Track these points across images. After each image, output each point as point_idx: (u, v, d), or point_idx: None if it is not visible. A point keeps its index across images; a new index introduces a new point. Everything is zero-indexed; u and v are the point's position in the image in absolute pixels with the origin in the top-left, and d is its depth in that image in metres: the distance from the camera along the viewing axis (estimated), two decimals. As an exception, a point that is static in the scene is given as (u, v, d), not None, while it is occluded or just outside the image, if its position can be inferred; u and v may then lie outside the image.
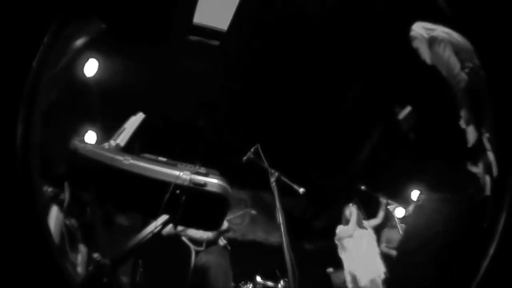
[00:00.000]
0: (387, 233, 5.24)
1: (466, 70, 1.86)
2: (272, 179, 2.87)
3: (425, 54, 2.09)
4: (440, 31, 2.00)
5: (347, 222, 4.90)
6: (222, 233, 4.08)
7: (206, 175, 1.84)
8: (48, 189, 3.42)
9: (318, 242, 6.21)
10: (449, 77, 1.97)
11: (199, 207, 1.86)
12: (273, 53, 4.56)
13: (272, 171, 2.93)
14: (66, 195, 3.47)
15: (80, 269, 3.65)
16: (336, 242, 4.93)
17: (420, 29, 2.10)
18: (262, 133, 4.37)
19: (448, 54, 1.91)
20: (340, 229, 4.89)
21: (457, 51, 1.91)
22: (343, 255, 4.85)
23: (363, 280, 4.48)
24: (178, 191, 1.77)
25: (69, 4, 1.38)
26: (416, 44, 2.15)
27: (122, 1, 3.72)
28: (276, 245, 3.55)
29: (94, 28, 3.59)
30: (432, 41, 2.00)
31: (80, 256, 3.74)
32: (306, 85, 5.00)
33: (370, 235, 4.92)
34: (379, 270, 4.55)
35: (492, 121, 1.56)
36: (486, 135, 1.81)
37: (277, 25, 4.22)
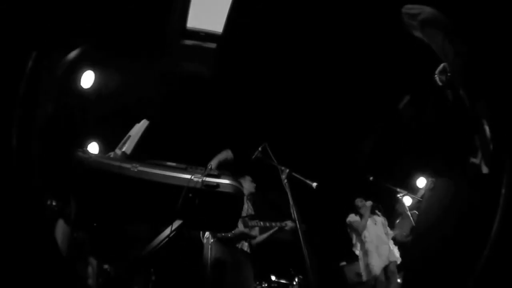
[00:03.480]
0: (400, 222, 5.22)
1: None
2: (283, 176, 2.82)
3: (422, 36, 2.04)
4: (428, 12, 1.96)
5: (357, 212, 4.89)
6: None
7: (218, 176, 1.81)
8: (54, 203, 3.37)
9: (330, 236, 6.19)
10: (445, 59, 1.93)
11: (213, 209, 1.82)
12: (274, 49, 4.52)
13: (283, 168, 2.89)
14: (72, 208, 3.42)
15: (90, 282, 3.61)
16: (348, 231, 4.92)
17: (408, 16, 2.06)
18: (269, 131, 4.34)
19: (441, 39, 1.87)
20: (351, 218, 4.86)
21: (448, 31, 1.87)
22: (356, 245, 4.83)
23: (376, 269, 4.45)
24: (190, 195, 1.74)
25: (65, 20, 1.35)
26: (411, 30, 2.11)
27: (116, 11, 3.69)
28: (290, 243, 3.51)
29: (89, 38, 3.56)
30: (423, 23, 1.96)
31: (91, 268, 3.70)
32: (309, 82, 4.98)
33: (382, 223, 4.90)
34: (394, 256, 4.53)
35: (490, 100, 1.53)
36: (485, 114, 1.78)
37: (276, 19, 4.18)
